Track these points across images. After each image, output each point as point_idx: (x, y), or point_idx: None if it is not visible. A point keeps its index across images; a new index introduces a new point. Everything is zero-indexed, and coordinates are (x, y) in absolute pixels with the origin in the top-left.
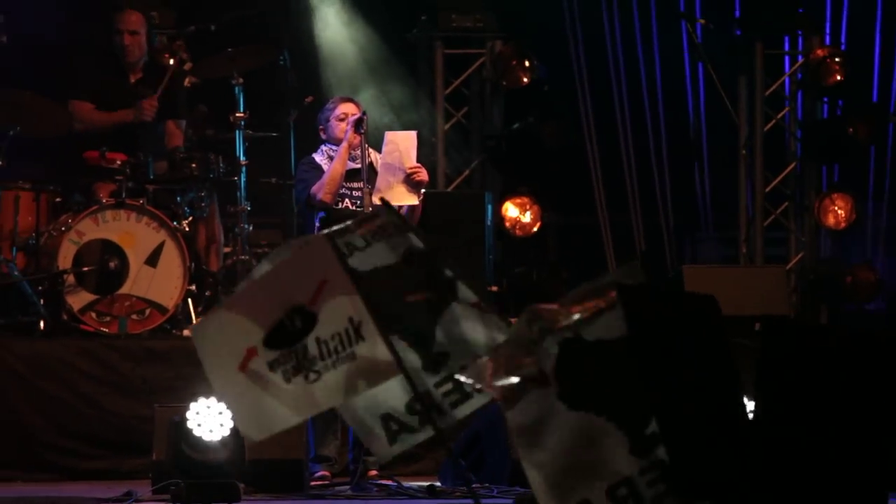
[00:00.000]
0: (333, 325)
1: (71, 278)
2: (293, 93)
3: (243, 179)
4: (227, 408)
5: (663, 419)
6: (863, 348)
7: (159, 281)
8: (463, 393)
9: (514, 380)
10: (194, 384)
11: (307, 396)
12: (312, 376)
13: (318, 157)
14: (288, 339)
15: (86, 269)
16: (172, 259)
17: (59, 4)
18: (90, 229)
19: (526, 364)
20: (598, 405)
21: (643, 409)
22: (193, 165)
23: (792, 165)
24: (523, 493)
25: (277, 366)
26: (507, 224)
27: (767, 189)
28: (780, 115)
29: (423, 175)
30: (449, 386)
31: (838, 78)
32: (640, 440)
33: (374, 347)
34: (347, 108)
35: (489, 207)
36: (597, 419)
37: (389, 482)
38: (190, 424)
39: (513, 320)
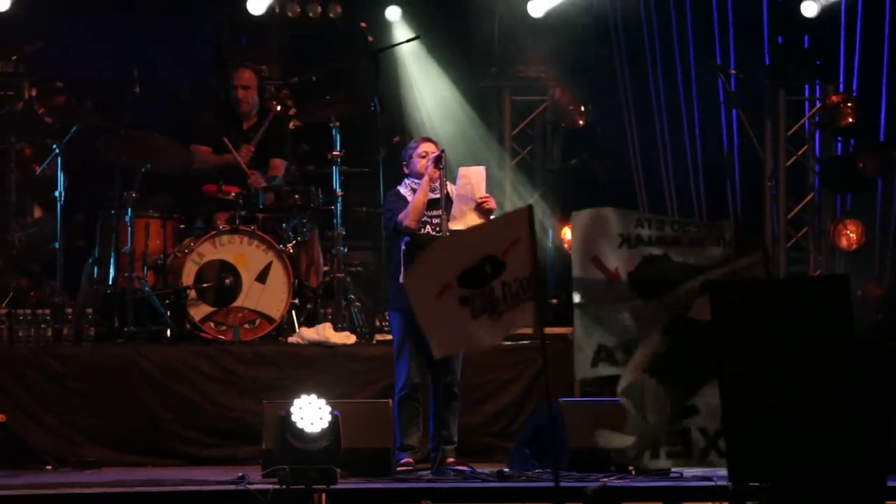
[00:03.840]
0: (518, 272)
1: (193, 293)
2: (382, 134)
3: (339, 208)
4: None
5: (724, 405)
6: (799, 292)
7: (268, 295)
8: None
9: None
10: (297, 384)
11: (493, 328)
12: (496, 315)
13: (403, 190)
14: (479, 281)
15: (205, 285)
16: (279, 276)
17: (183, 60)
18: (209, 251)
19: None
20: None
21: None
22: (297, 196)
23: (810, 195)
24: (592, 488)
25: (467, 303)
26: (566, 245)
27: (789, 216)
28: (800, 152)
29: (492, 204)
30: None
31: (850, 120)
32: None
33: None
34: (428, 147)
35: (550, 231)
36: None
37: (464, 468)
38: (294, 418)
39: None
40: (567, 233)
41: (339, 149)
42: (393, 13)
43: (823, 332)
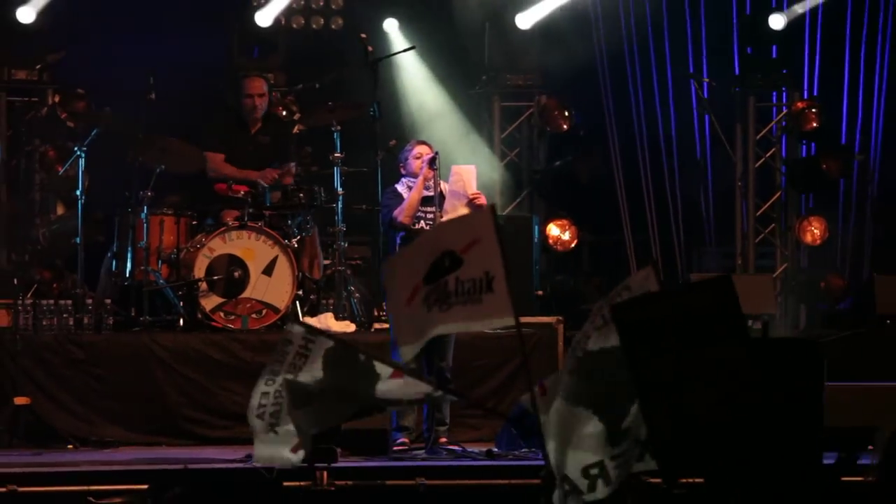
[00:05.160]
0: (473, 272)
1: (204, 285)
2: (380, 137)
3: (340, 206)
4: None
5: (646, 412)
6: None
7: (273, 287)
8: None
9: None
10: None
11: (440, 319)
12: (445, 307)
13: (399, 188)
14: (438, 276)
15: (216, 277)
16: (284, 270)
17: (195, 69)
18: (219, 246)
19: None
20: (589, 401)
21: (623, 405)
22: (301, 195)
23: (777, 194)
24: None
25: (426, 299)
26: (550, 241)
27: (758, 213)
28: (768, 155)
29: (483, 200)
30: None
31: (814, 125)
32: (616, 432)
33: (498, 300)
34: (422, 149)
35: (536, 228)
36: (584, 412)
37: (456, 447)
38: None
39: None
40: (552, 229)
41: (339, 151)
42: (391, 25)
43: (718, 331)
